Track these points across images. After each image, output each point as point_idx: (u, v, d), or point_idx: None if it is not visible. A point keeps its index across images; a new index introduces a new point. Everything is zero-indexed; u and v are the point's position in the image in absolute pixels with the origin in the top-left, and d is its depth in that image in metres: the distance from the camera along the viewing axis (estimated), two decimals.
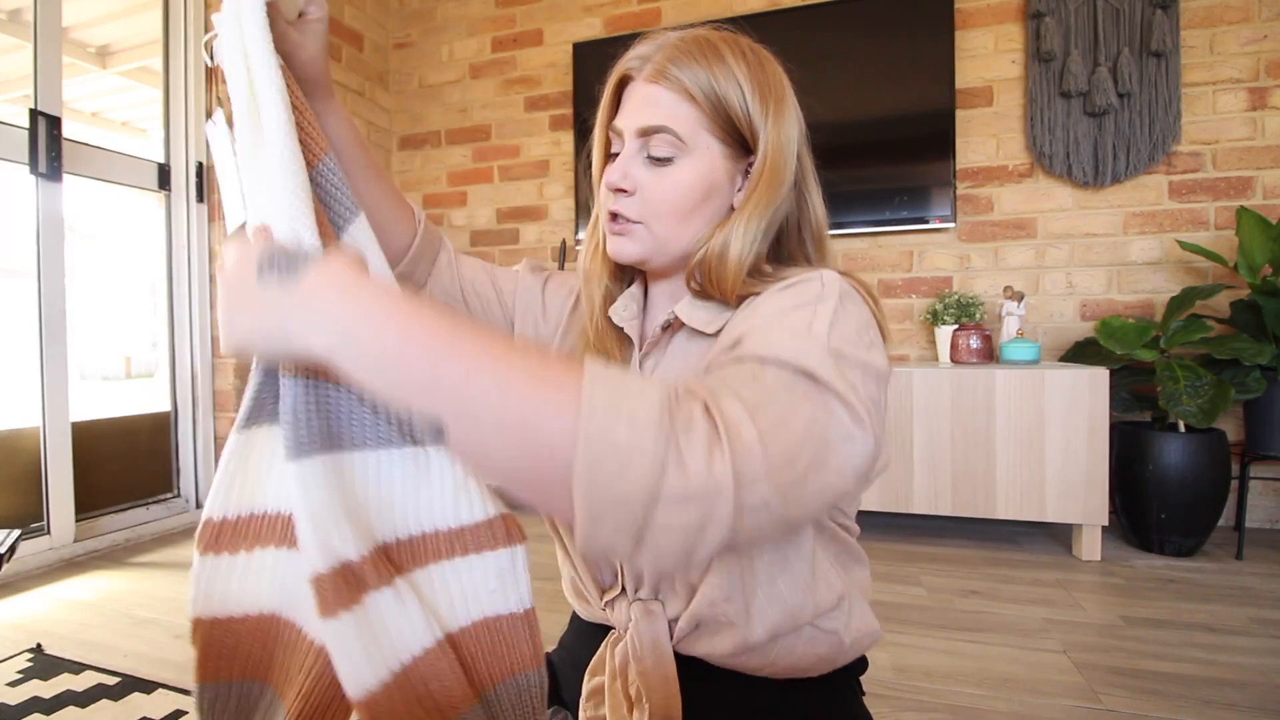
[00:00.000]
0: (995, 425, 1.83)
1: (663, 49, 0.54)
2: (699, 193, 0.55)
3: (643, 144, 0.55)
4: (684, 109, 0.53)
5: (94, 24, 2.52)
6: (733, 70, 0.53)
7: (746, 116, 0.53)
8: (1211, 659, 1.24)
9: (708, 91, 0.53)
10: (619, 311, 0.62)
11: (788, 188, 0.56)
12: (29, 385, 1.82)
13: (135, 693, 1.14)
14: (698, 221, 0.56)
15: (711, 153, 0.54)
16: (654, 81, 0.54)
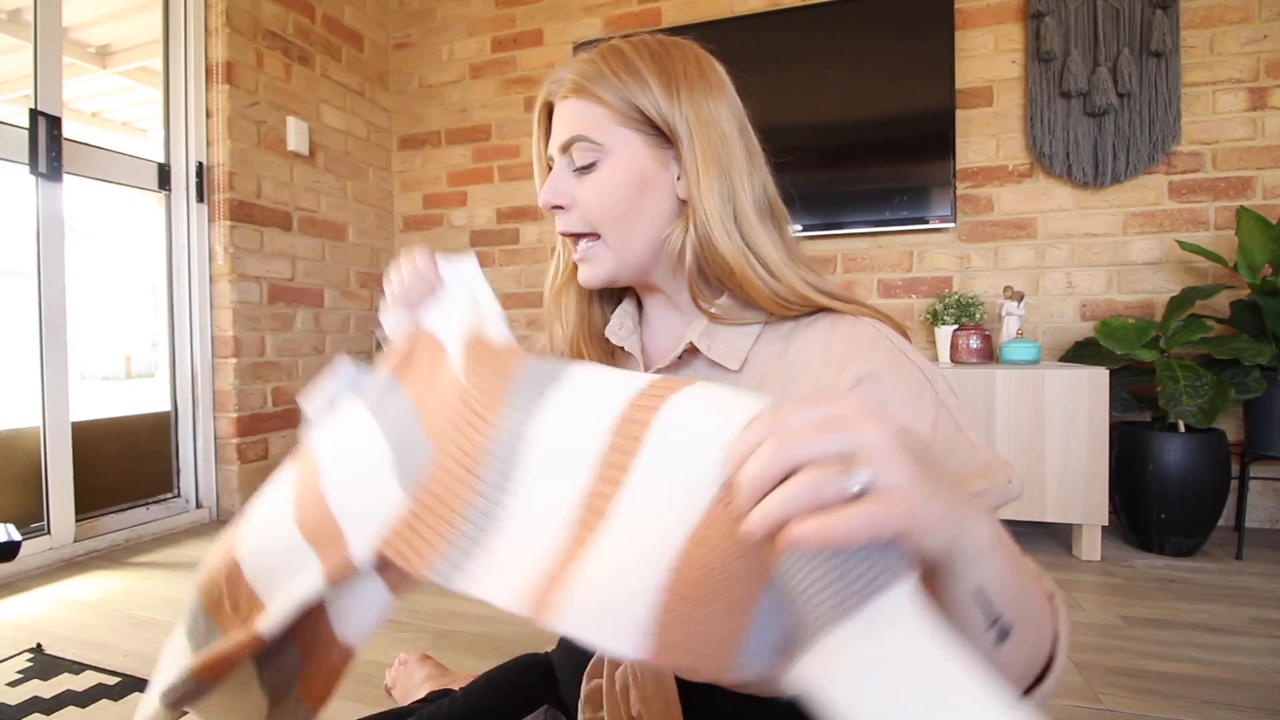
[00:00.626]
0: (995, 425, 1.83)
1: (572, 67, 0.55)
2: (631, 187, 0.54)
3: (568, 159, 0.56)
4: (594, 112, 0.54)
5: (94, 24, 2.52)
6: (635, 65, 0.54)
7: (655, 104, 0.53)
8: (1211, 659, 1.24)
9: (614, 89, 0.53)
10: (615, 330, 0.63)
11: (734, 161, 0.55)
12: (29, 385, 1.82)
13: (135, 693, 1.14)
14: (644, 217, 0.55)
15: (631, 145, 0.54)
16: (567, 97, 0.56)
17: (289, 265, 2.47)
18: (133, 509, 2.10)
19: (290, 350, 2.48)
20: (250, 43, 2.31)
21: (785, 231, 0.58)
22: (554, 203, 0.56)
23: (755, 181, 0.56)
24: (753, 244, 0.54)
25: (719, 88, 0.56)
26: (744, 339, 0.55)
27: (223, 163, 2.23)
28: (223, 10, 2.21)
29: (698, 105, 0.54)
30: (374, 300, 2.91)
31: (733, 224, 0.54)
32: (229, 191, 2.24)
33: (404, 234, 3.03)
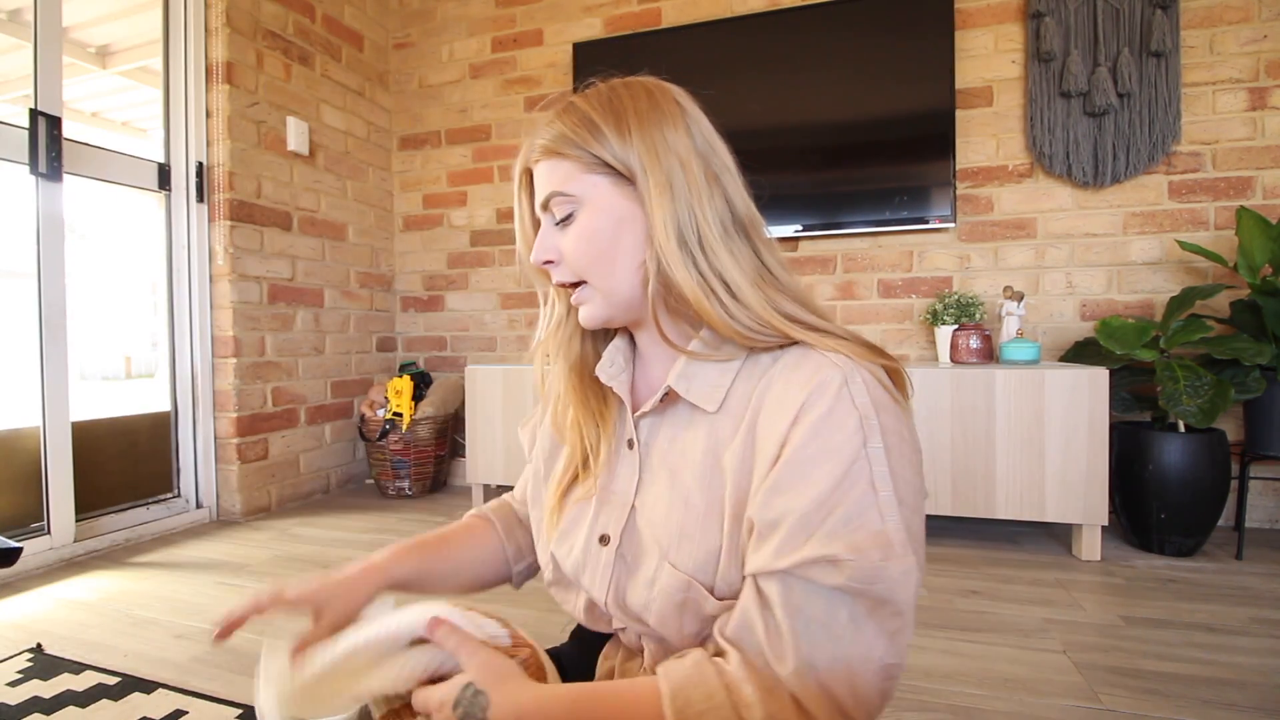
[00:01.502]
0: (995, 425, 1.83)
1: (536, 131, 0.60)
2: (608, 230, 0.56)
3: (549, 215, 0.59)
4: (561, 167, 0.57)
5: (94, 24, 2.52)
6: (589, 116, 0.56)
7: (611, 149, 0.55)
8: (1211, 659, 1.24)
9: (569, 140, 0.56)
10: (605, 369, 0.64)
11: (693, 184, 0.55)
12: (29, 385, 1.82)
13: (135, 693, 1.14)
14: (623, 257, 0.56)
15: (600, 189, 0.56)
16: (537, 161, 0.60)
17: (289, 265, 2.47)
18: (133, 509, 2.10)
19: (290, 350, 2.48)
20: (250, 43, 2.31)
21: (759, 245, 0.57)
22: (543, 259, 0.59)
23: (717, 201, 0.56)
24: (714, 269, 0.54)
25: (674, 115, 0.57)
26: (723, 376, 0.55)
27: (223, 163, 2.23)
28: (223, 10, 2.21)
29: (648, 138, 0.55)
30: (374, 300, 2.91)
31: (692, 251, 0.54)
32: (229, 191, 2.24)
33: (404, 234, 3.03)
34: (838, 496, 0.45)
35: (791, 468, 0.47)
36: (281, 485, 2.43)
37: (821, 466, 0.46)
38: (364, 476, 2.85)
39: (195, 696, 1.13)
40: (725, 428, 0.54)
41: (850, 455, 0.46)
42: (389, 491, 2.60)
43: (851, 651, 0.43)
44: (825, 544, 0.44)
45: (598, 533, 0.60)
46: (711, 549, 0.52)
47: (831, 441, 0.46)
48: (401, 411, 2.55)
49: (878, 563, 0.44)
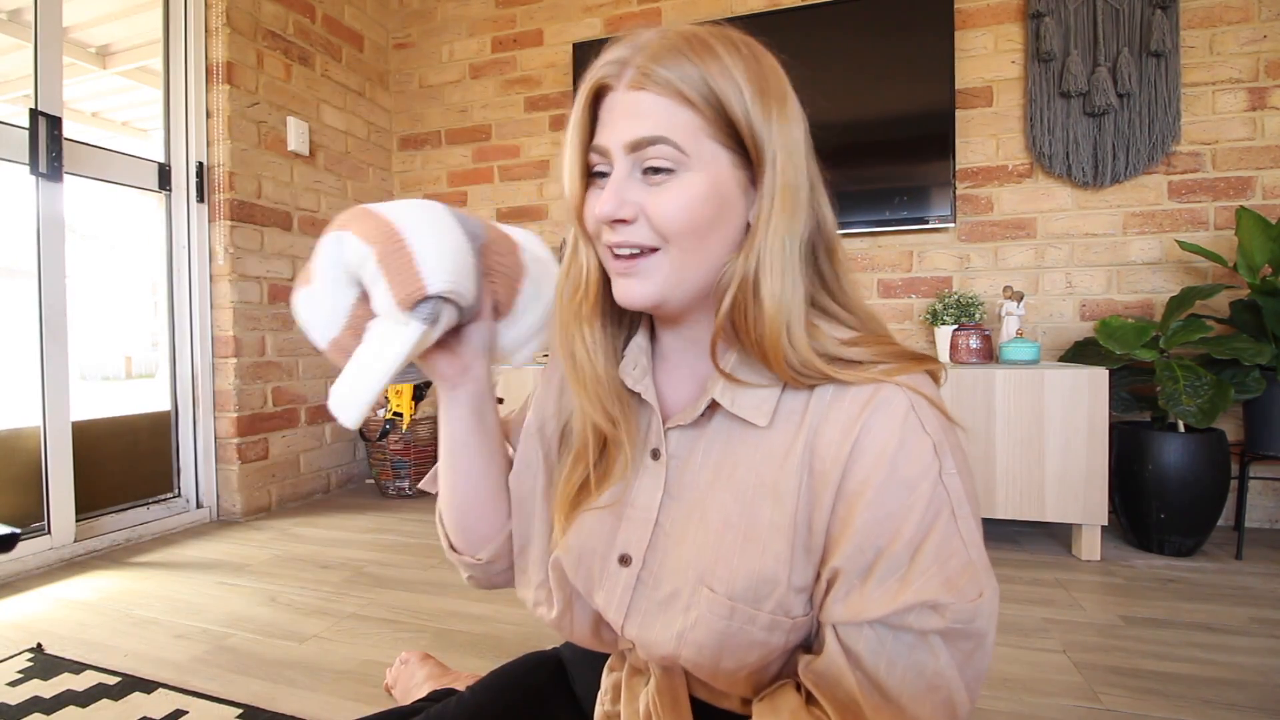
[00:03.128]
0: (995, 425, 1.83)
1: (644, 49, 0.47)
2: (712, 208, 0.47)
3: (635, 161, 0.47)
4: (681, 115, 0.46)
5: (94, 24, 2.52)
6: (728, 67, 0.46)
7: (748, 120, 0.46)
8: (1211, 659, 1.24)
9: (704, 92, 0.45)
10: (629, 370, 0.56)
11: (806, 200, 0.50)
12: (29, 385, 1.82)
13: (135, 693, 1.14)
14: (715, 243, 0.48)
15: (719, 163, 0.47)
16: (639, 88, 0.46)
17: (289, 265, 2.47)
18: (133, 509, 2.10)
19: (290, 350, 2.48)
20: (250, 43, 2.31)
21: (834, 265, 0.52)
22: (621, 215, 0.47)
23: (812, 216, 0.51)
24: (793, 295, 0.48)
25: (799, 109, 0.51)
26: (768, 394, 0.50)
27: (223, 163, 2.23)
28: (223, 10, 2.21)
29: (787, 129, 0.48)
30: None
31: (786, 270, 0.48)
32: (229, 191, 2.24)
33: None
34: (923, 532, 0.43)
35: (871, 507, 0.43)
36: (282, 485, 2.43)
37: (903, 501, 0.43)
38: (364, 476, 2.85)
39: (195, 696, 1.13)
40: (777, 444, 0.48)
41: (930, 486, 0.43)
42: (389, 491, 2.60)
43: (954, 696, 0.42)
44: (921, 588, 0.42)
45: (617, 551, 0.53)
46: (757, 573, 0.47)
47: (910, 473, 0.43)
48: (401, 411, 2.55)
49: (974, 600, 0.42)
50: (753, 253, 0.47)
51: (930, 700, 0.42)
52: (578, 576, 0.55)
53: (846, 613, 0.44)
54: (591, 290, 0.53)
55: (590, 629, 0.57)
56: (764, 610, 0.47)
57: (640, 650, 0.53)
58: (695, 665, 0.49)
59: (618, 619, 0.53)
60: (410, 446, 2.56)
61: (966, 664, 0.43)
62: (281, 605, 1.53)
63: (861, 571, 0.44)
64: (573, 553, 0.55)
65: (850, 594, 0.44)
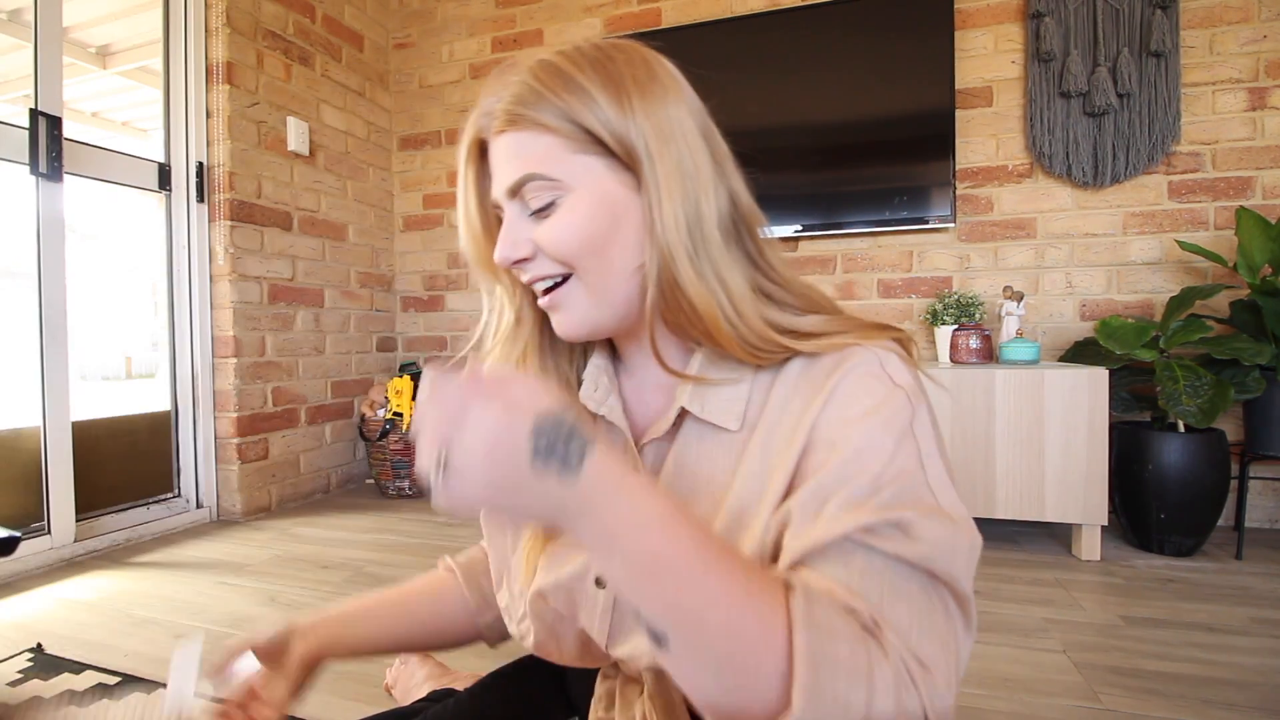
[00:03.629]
0: (995, 425, 1.83)
1: (504, 93, 0.47)
2: (602, 221, 0.46)
3: (519, 203, 0.48)
4: (541, 143, 0.46)
5: (94, 24, 2.52)
6: (575, 79, 0.46)
7: (604, 120, 0.46)
8: (1211, 659, 1.24)
9: (558, 112, 0.46)
10: (590, 394, 0.54)
11: (701, 174, 0.48)
12: (29, 385, 1.82)
13: (135, 693, 1.14)
14: (620, 253, 0.47)
15: (595, 174, 0.46)
16: (502, 131, 0.47)
17: (289, 265, 2.47)
18: (133, 509, 2.10)
19: (290, 350, 2.48)
20: (250, 43, 2.31)
21: (759, 245, 0.51)
22: (516, 256, 0.48)
23: (722, 193, 0.49)
24: (720, 276, 0.47)
25: (674, 89, 0.49)
26: (738, 389, 0.48)
27: (223, 163, 2.23)
28: (223, 10, 2.21)
29: (654, 114, 0.47)
30: (374, 300, 2.91)
31: (699, 253, 0.46)
32: (229, 191, 2.24)
33: (404, 234, 3.03)
34: (890, 475, 0.40)
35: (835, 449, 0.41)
36: (282, 485, 2.43)
37: (871, 443, 0.41)
38: (364, 476, 2.85)
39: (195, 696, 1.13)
40: (753, 443, 0.47)
41: (898, 436, 0.41)
42: (389, 491, 2.60)
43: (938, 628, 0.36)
44: (887, 509, 0.38)
45: (593, 574, 0.51)
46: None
47: (878, 420, 0.42)
48: (402, 411, 2.55)
49: (946, 537, 0.38)
50: (654, 246, 0.46)
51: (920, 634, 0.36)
52: (559, 602, 0.54)
53: (801, 545, 0.39)
54: (519, 330, 0.54)
55: (577, 652, 0.56)
56: None
57: (631, 663, 0.52)
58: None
59: (601, 640, 0.52)
60: (410, 446, 2.56)
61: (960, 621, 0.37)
62: (281, 605, 1.53)
63: (820, 503, 0.40)
64: (550, 583, 0.54)
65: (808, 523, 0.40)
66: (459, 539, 2.06)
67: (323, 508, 2.45)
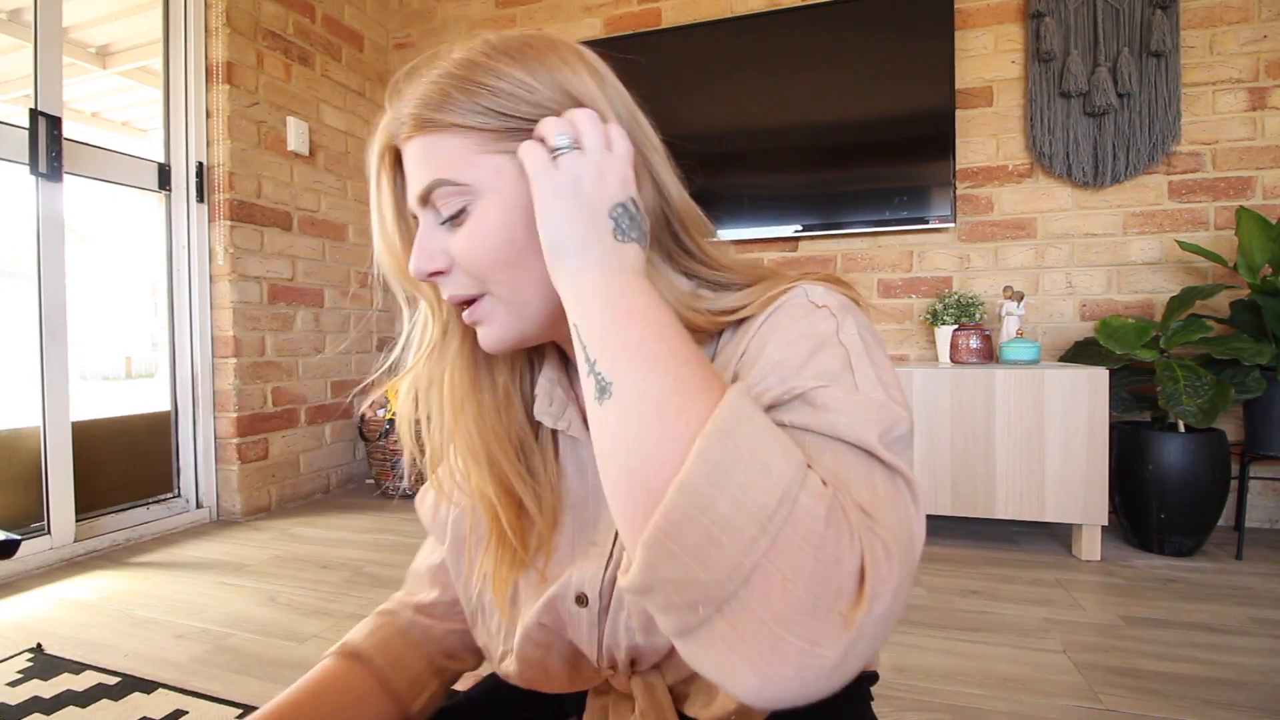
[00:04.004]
0: (995, 425, 1.83)
1: (410, 95, 0.44)
2: (516, 226, 0.43)
3: (432, 212, 0.45)
4: (450, 145, 0.43)
5: (94, 24, 2.52)
6: (488, 68, 0.43)
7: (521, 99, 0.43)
8: (1211, 659, 1.24)
9: (467, 109, 0.42)
10: (545, 408, 0.52)
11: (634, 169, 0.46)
12: (29, 385, 1.82)
13: (135, 693, 1.14)
14: (538, 262, 0.42)
15: (505, 174, 0.43)
16: (410, 137, 0.44)
17: (289, 265, 2.47)
18: (133, 509, 2.10)
19: (290, 350, 2.48)
20: (250, 43, 2.31)
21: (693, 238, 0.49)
22: (430, 269, 0.45)
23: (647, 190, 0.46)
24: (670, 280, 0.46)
25: (595, 72, 0.46)
26: None
27: (223, 163, 2.23)
28: (223, 10, 2.21)
29: (574, 90, 0.44)
30: (374, 300, 2.91)
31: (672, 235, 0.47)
32: (229, 191, 2.24)
33: None
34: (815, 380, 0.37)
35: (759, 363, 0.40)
36: (281, 485, 2.43)
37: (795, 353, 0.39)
38: (364, 476, 2.85)
39: (195, 696, 1.13)
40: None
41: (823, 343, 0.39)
42: (389, 491, 2.60)
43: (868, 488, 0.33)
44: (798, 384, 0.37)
45: (572, 592, 0.50)
46: None
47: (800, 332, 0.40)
48: None
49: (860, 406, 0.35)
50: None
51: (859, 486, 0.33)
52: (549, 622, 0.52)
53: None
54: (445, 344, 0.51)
55: (566, 677, 0.53)
56: None
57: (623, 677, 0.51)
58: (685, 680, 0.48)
59: (593, 656, 0.50)
60: None
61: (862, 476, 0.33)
62: (281, 605, 1.53)
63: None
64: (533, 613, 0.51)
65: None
66: None
67: (322, 508, 2.45)
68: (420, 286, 0.50)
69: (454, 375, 0.51)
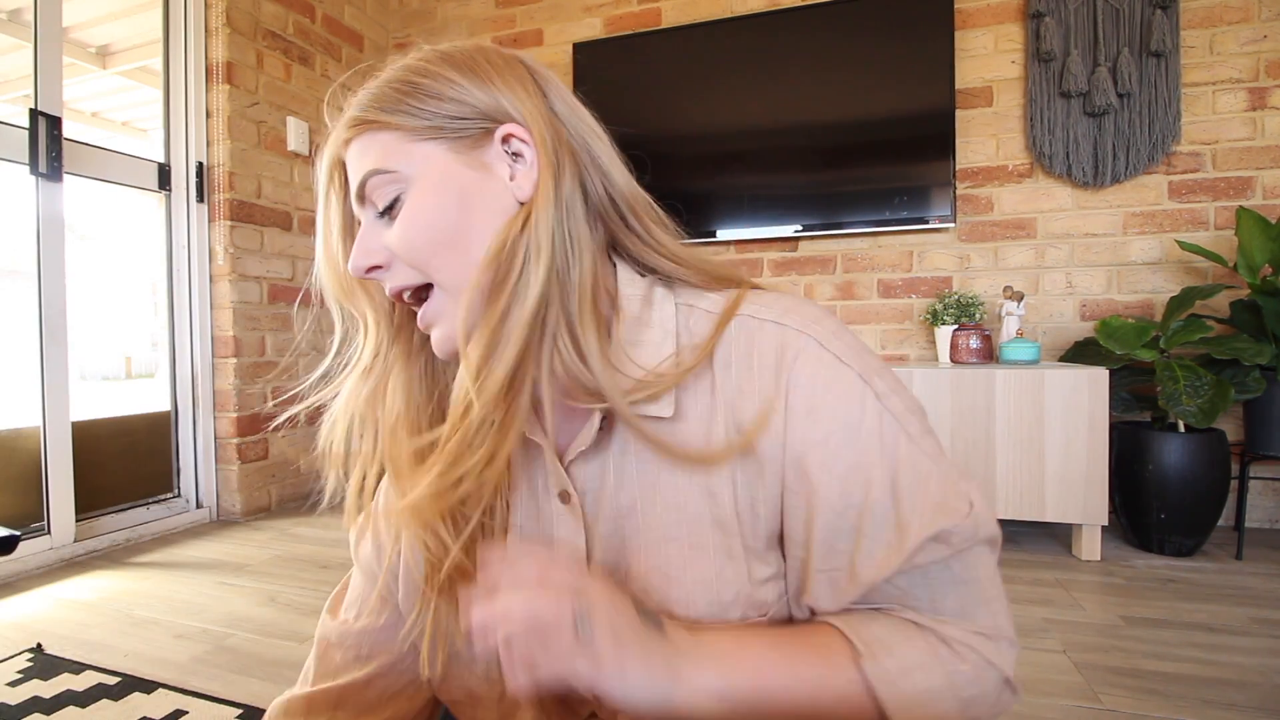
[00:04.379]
0: (995, 425, 1.83)
1: (355, 103, 0.45)
2: (450, 210, 0.43)
3: (370, 208, 0.45)
4: (382, 139, 0.43)
5: (94, 24, 2.52)
6: (426, 70, 0.44)
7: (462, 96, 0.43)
8: (1211, 659, 1.24)
9: (404, 107, 0.43)
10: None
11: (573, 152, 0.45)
12: (29, 385, 1.82)
13: (135, 693, 1.14)
14: (476, 241, 0.43)
15: (435, 159, 0.43)
16: (348, 140, 0.45)
17: (289, 265, 2.47)
18: (133, 509, 2.10)
19: (290, 350, 2.48)
20: (250, 43, 2.31)
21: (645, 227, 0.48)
22: (369, 264, 0.44)
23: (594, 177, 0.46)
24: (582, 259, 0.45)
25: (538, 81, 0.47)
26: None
27: (223, 163, 2.23)
28: (223, 10, 2.21)
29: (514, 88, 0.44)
30: None
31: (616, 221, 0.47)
32: (229, 191, 2.24)
33: None
34: (891, 467, 0.41)
35: (827, 467, 0.41)
36: (281, 485, 2.43)
37: (856, 446, 0.41)
38: None
39: (195, 696, 1.13)
40: (693, 434, 0.44)
41: (875, 417, 0.41)
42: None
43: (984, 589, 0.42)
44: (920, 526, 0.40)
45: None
46: (714, 581, 0.43)
47: (849, 413, 0.41)
48: None
49: (968, 515, 0.40)
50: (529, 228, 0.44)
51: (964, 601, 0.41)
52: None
53: (854, 588, 0.41)
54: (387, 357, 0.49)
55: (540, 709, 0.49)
56: (733, 616, 0.43)
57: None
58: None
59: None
60: None
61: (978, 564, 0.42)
62: (281, 605, 1.53)
63: (849, 536, 0.41)
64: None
65: (850, 565, 0.41)
66: None
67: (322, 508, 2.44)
68: (357, 302, 0.49)
69: (387, 395, 0.48)
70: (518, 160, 0.45)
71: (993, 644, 0.40)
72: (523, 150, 0.44)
